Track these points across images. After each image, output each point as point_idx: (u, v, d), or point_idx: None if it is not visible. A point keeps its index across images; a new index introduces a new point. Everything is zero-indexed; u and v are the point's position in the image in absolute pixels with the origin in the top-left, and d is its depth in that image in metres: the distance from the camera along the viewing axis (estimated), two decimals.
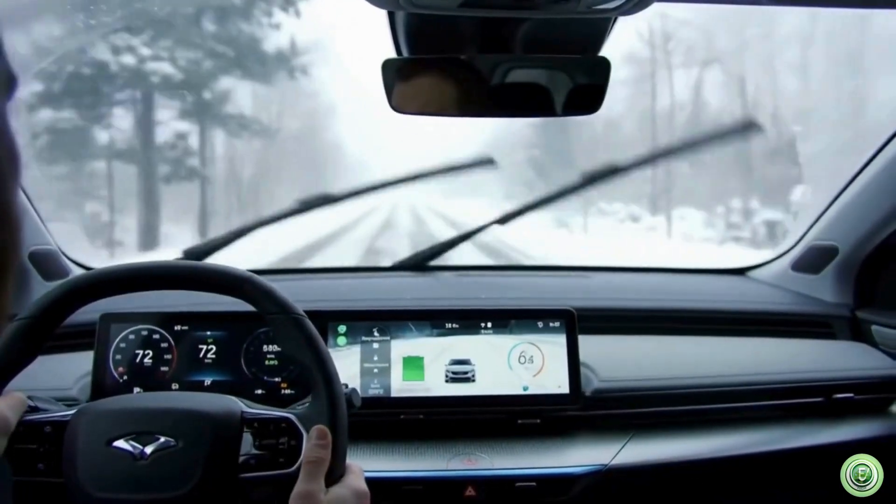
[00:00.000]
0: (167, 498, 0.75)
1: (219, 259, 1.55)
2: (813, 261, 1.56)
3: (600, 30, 0.92)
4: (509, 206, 1.66)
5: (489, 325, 1.21)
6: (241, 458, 0.78)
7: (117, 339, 1.15)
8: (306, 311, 0.84)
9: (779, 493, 1.23)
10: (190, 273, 0.86)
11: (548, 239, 10.28)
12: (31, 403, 0.81)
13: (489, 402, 1.17)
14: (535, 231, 10.12)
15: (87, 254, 1.61)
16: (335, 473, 0.77)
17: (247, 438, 0.79)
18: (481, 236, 1.68)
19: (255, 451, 0.78)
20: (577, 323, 1.21)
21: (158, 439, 0.77)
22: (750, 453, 1.17)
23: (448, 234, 1.70)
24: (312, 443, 0.76)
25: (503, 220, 1.66)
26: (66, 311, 0.82)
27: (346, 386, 0.84)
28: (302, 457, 0.77)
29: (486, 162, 1.69)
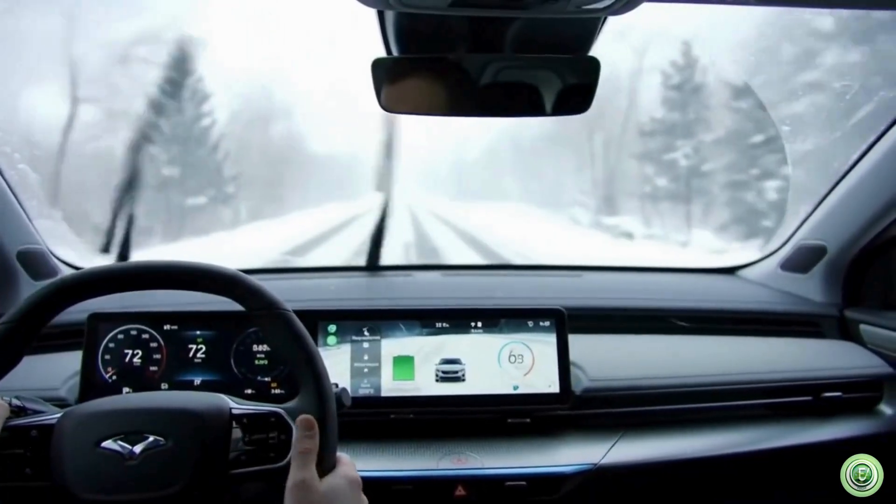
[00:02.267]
0: (158, 497, 0.75)
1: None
2: (802, 260, 1.57)
3: (590, 30, 0.92)
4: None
5: (479, 324, 1.21)
6: (232, 455, 0.78)
7: (106, 339, 1.15)
8: (296, 311, 0.84)
9: (774, 491, 1.23)
10: (178, 272, 0.85)
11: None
12: (19, 404, 0.80)
13: (479, 401, 1.17)
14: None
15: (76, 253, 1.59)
16: (327, 465, 0.77)
17: (236, 434, 0.79)
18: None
19: (244, 447, 0.78)
20: (566, 322, 1.21)
21: (147, 438, 0.76)
22: (739, 452, 1.18)
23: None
24: (299, 433, 0.77)
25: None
26: (52, 312, 0.82)
27: (336, 385, 0.84)
28: (292, 449, 0.77)
29: None
